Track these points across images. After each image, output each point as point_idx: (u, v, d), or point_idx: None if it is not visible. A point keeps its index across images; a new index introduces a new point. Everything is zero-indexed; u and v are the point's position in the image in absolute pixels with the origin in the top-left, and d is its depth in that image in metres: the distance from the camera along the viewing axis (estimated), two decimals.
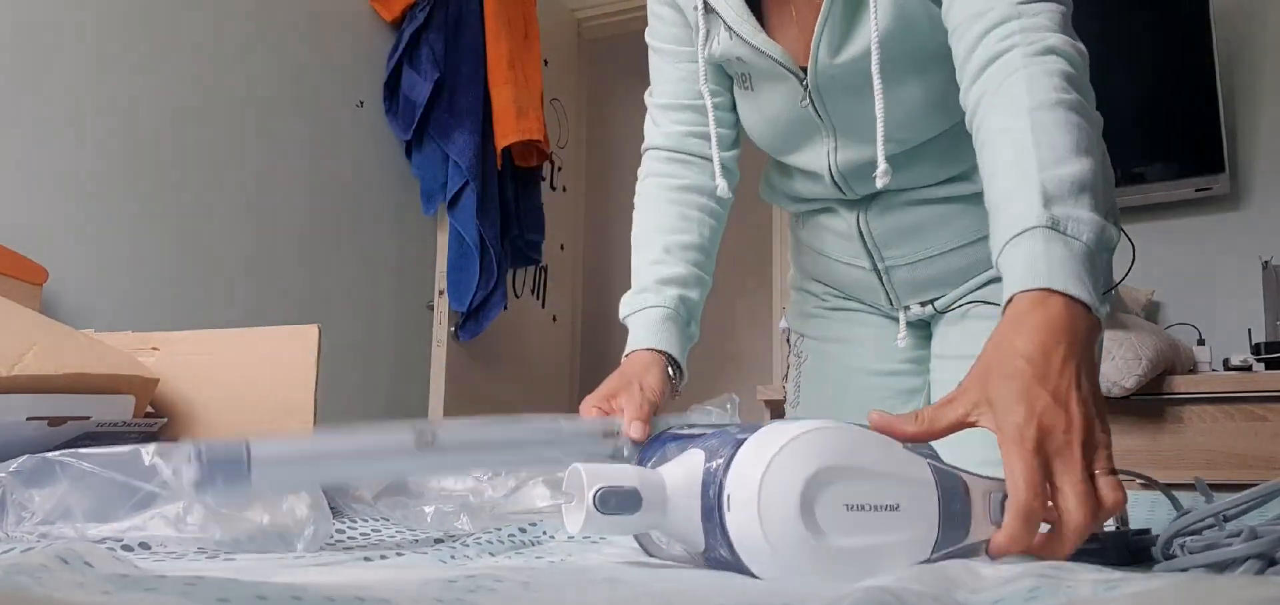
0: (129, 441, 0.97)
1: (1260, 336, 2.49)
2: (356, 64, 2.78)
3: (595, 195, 4.06)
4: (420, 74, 2.82)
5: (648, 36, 1.18)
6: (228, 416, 1.11)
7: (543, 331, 3.48)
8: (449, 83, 2.85)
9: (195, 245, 2.24)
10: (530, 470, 1.00)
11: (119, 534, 0.73)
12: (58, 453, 0.69)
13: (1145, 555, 0.69)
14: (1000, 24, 0.86)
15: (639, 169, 1.18)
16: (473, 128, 2.85)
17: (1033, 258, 0.73)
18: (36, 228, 1.87)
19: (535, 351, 3.43)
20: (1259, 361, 2.33)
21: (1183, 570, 0.61)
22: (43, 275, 1.77)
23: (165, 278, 2.15)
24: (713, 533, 0.60)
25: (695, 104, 1.14)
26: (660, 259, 1.06)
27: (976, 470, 0.67)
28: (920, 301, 1.16)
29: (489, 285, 2.92)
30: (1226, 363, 2.38)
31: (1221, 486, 0.96)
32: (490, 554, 0.69)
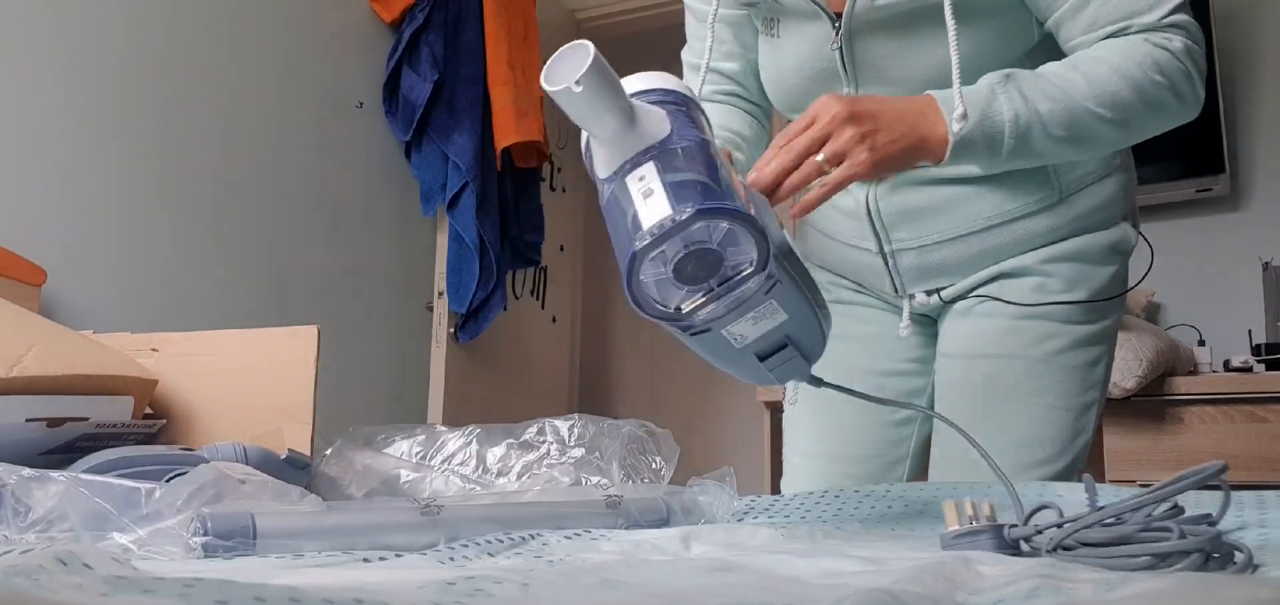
0: (128, 442, 0.97)
1: (1260, 337, 2.49)
2: (356, 65, 2.78)
3: (595, 196, 4.05)
4: (420, 75, 2.82)
5: None
6: (227, 417, 1.11)
7: (542, 333, 3.48)
8: (448, 84, 2.85)
9: (194, 246, 2.23)
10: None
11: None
12: (60, 474, 0.69)
13: (1025, 551, 0.68)
14: (1118, 20, 0.98)
15: None
16: (472, 129, 2.85)
17: (963, 89, 0.93)
18: (35, 229, 1.86)
19: (535, 353, 3.43)
20: (1259, 362, 2.33)
21: (1107, 561, 0.60)
22: (42, 276, 1.77)
23: (164, 279, 2.15)
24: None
25: (724, 66, 1.20)
26: None
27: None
28: (926, 290, 1.15)
29: (489, 286, 2.92)
30: (1227, 364, 2.38)
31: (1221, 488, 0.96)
32: (489, 555, 0.69)
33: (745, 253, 0.67)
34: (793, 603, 0.48)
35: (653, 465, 1.02)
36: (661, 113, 0.70)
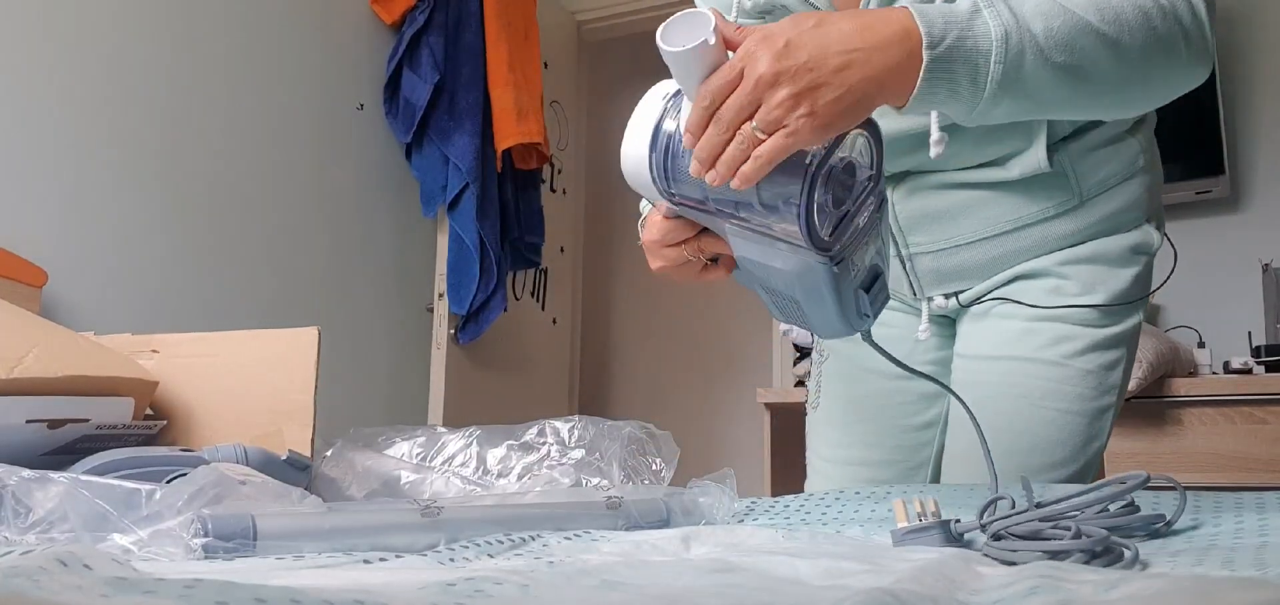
0: (129, 444, 0.97)
1: (1260, 339, 2.49)
2: (356, 66, 2.79)
3: (595, 198, 4.06)
4: (420, 76, 2.82)
5: None
6: (227, 419, 1.11)
7: (543, 334, 3.48)
8: (449, 85, 2.85)
9: (195, 248, 2.24)
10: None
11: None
12: (61, 475, 0.69)
13: (964, 540, 0.71)
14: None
15: None
16: (473, 130, 2.85)
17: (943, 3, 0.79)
18: (36, 230, 1.87)
19: (535, 354, 3.43)
20: (1259, 364, 2.33)
21: (1013, 553, 0.63)
22: (42, 278, 1.77)
23: (165, 280, 2.15)
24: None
25: None
26: None
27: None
28: (944, 293, 1.13)
29: (489, 288, 2.92)
30: (1226, 365, 2.38)
31: (1222, 488, 0.96)
32: (490, 556, 0.69)
33: (863, 168, 0.77)
34: (793, 604, 0.48)
35: (653, 466, 1.02)
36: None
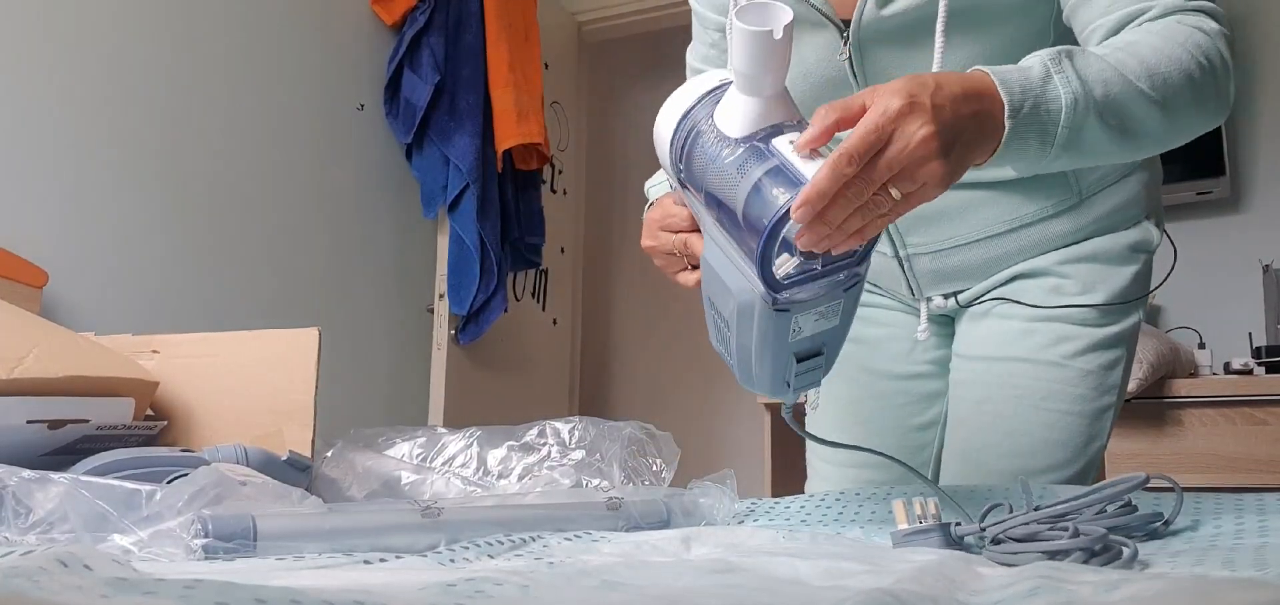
0: (129, 444, 0.97)
1: (1261, 340, 2.49)
2: (357, 67, 2.79)
3: (596, 198, 4.06)
4: (421, 77, 2.82)
5: None
6: (227, 419, 1.11)
7: (543, 335, 3.48)
8: (449, 85, 2.85)
9: (195, 248, 2.24)
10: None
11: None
12: (61, 476, 0.69)
13: (963, 543, 0.72)
14: (1147, 11, 0.86)
15: None
16: (473, 130, 2.85)
17: (1017, 65, 0.77)
18: (37, 231, 1.87)
19: (536, 355, 3.43)
20: (1259, 365, 2.33)
21: (1012, 553, 0.64)
22: (43, 278, 1.78)
23: (165, 281, 2.15)
24: None
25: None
26: None
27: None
28: (943, 293, 1.13)
29: (489, 288, 2.92)
30: (1227, 366, 2.38)
31: (1222, 489, 0.96)
32: (490, 556, 0.69)
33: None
34: (793, 604, 0.48)
35: (653, 467, 1.02)
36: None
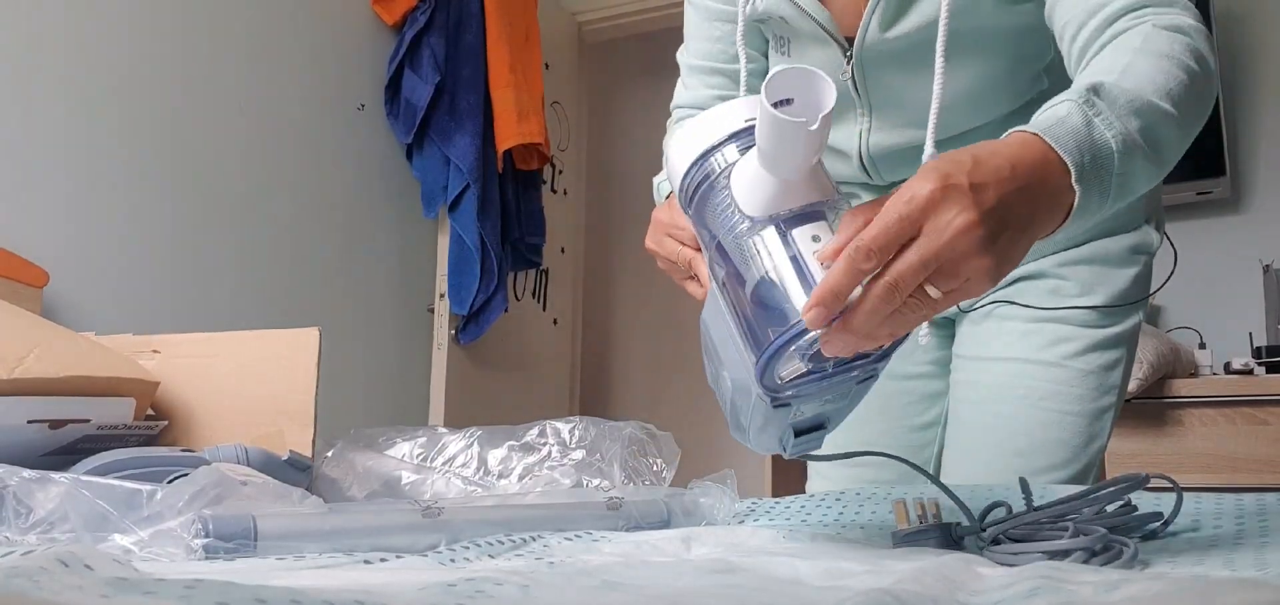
0: (130, 444, 0.97)
1: (1261, 340, 2.49)
2: (357, 67, 2.79)
3: (596, 198, 4.06)
4: (421, 77, 2.82)
5: None
6: (228, 419, 1.11)
7: (544, 334, 3.48)
8: (450, 85, 2.86)
9: (196, 248, 2.24)
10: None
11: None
12: (62, 476, 0.70)
13: (963, 544, 0.71)
14: (1128, 12, 0.80)
15: (667, 123, 1.15)
16: (474, 130, 2.86)
17: (1048, 116, 0.67)
18: (37, 230, 1.87)
19: (536, 354, 3.43)
20: (1260, 365, 2.33)
21: (1012, 553, 0.64)
22: (43, 278, 1.78)
23: (166, 281, 2.15)
24: None
25: (728, 68, 1.10)
26: None
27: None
28: None
29: (490, 288, 2.92)
30: (1227, 366, 2.38)
31: (1223, 489, 0.96)
32: (490, 556, 0.69)
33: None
34: (793, 602, 0.48)
35: (654, 467, 1.02)
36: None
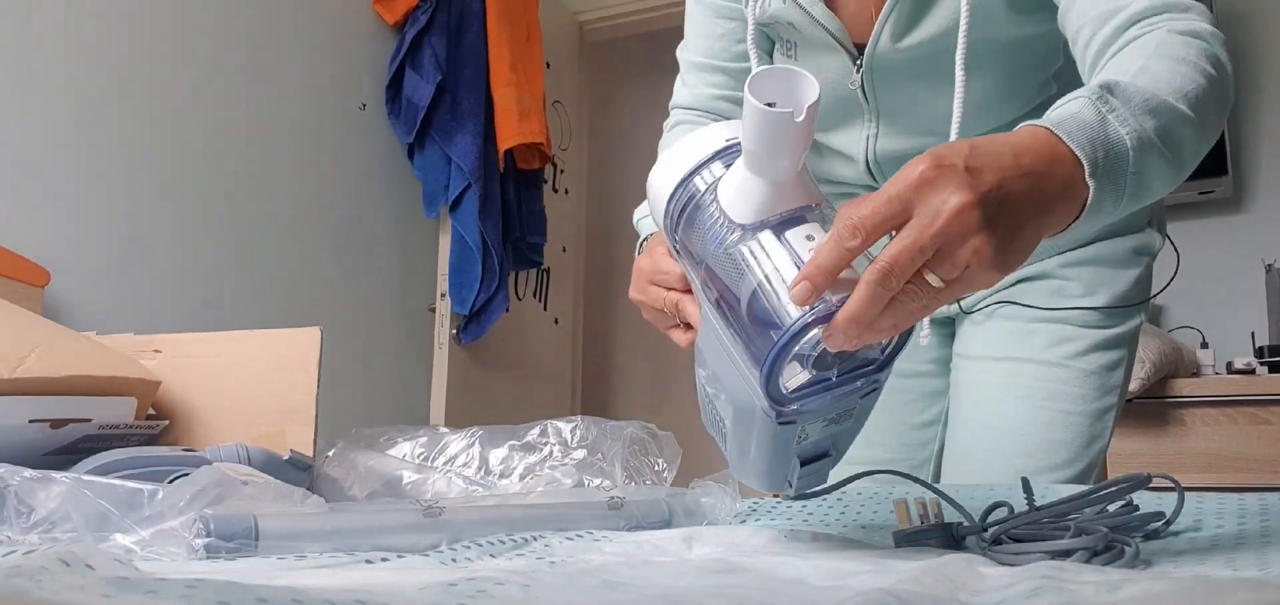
0: (131, 444, 0.97)
1: (1263, 340, 2.49)
2: (358, 66, 2.79)
3: (597, 198, 4.05)
4: (422, 76, 2.82)
5: None
6: (229, 419, 1.11)
7: (545, 334, 3.48)
8: (451, 85, 2.86)
9: (197, 248, 2.24)
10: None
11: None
12: (63, 475, 0.70)
13: (964, 543, 0.71)
14: (1143, 18, 0.78)
15: (664, 123, 1.14)
16: (475, 130, 2.86)
17: (1061, 112, 0.65)
18: (38, 230, 1.87)
19: (537, 354, 3.43)
20: (1262, 365, 2.33)
21: (1014, 553, 0.64)
22: (45, 278, 1.78)
23: (167, 280, 2.15)
24: None
25: (731, 66, 1.09)
26: None
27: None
28: None
29: (491, 288, 2.92)
30: (1229, 366, 2.38)
31: (1225, 489, 0.96)
32: (491, 556, 0.69)
33: (872, 349, 0.61)
34: (795, 604, 0.48)
35: (655, 467, 1.02)
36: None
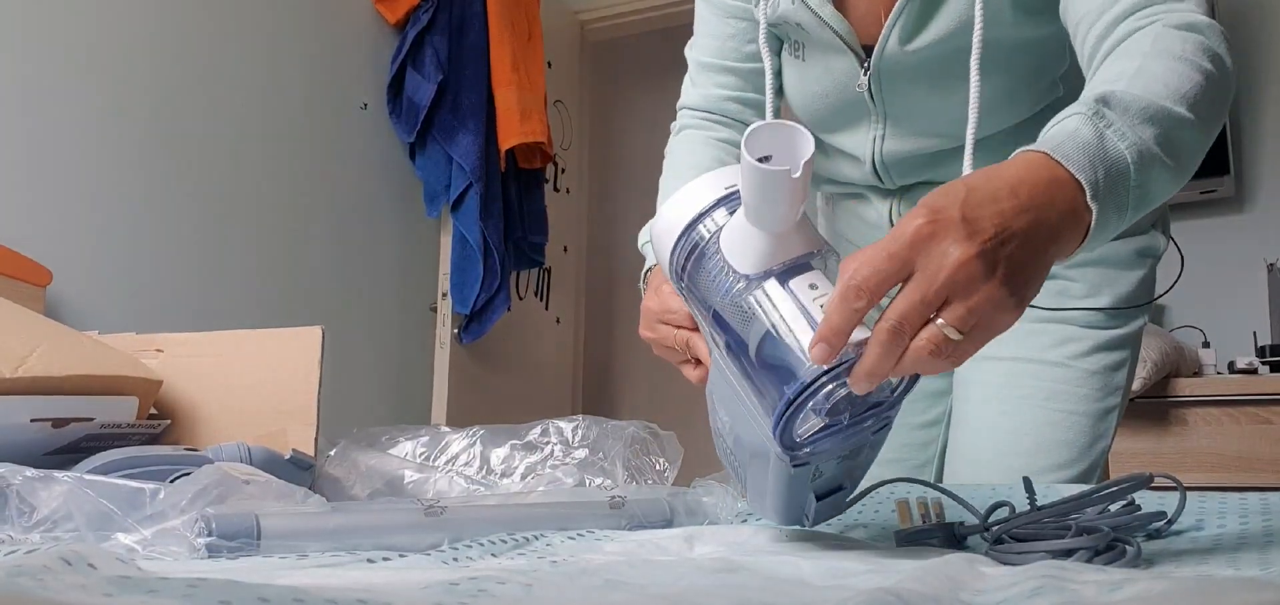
0: (133, 443, 0.97)
1: (1265, 339, 2.48)
2: (360, 66, 2.79)
3: (598, 197, 4.06)
4: (424, 76, 2.82)
5: None
6: (231, 418, 1.11)
7: (546, 333, 3.48)
8: (452, 84, 2.86)
9: (199, 247, 2.24)
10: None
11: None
12: (65, 474, 0.70)
13: (966, 543, 0.71)
14: (1139, 10, 0.78)
15: (672, 125, 1.13)
16: (476, 129, 2.86)
17: (1057, 132, 0.65)
18: (40, 229, 1.87)
19: (538, 354, 3.43)
20: (1264, 364, 2.32)
21: (1015, 553, 0.64)
22: (47, 277, 1.78)
23: (169, 280, 2.16)
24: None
25: (740, 67, 1.08)
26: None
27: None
28: None
29: (492, 287, 2.92)
30: (1231, 365, 2.38)
31: (1226, 488, 0.96)
32: (493, 555, 0.69)
33: (883, 390, 0.61)
34: (796, 603, 0.48)
35: (656, 466, 1.02)
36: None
